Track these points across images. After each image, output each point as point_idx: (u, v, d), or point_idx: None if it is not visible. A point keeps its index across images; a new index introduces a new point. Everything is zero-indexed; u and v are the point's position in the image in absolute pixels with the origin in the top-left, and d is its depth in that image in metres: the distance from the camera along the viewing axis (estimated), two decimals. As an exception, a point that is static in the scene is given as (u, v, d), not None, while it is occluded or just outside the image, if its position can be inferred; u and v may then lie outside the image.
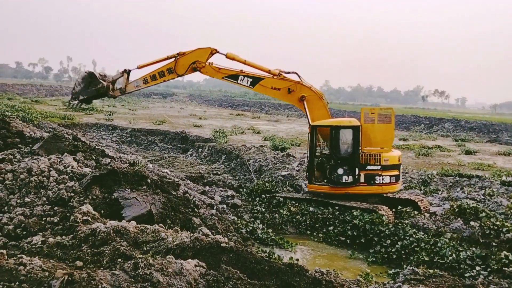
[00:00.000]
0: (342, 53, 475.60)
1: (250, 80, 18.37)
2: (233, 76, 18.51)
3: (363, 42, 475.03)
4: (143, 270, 7.11)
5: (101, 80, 19.37)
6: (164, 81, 19.02)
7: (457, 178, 23.44)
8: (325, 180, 17.65)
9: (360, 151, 17.27)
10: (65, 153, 14.34)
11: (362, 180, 17.19)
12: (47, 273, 6.88)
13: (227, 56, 18.58)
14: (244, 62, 18.67)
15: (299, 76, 18.50)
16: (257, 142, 36.81)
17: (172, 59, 18.68)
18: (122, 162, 19.80)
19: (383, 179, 17.03)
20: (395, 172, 17.23)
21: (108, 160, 16.82)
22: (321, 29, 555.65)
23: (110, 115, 53.31)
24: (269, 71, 18.54)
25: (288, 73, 18.63)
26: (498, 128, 65.88)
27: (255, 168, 26.97)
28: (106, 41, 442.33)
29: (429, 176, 23.56)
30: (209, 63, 18.57)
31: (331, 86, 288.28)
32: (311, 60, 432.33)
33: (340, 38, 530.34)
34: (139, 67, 18.98)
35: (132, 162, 20.25)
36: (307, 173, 18.33)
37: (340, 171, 17.36)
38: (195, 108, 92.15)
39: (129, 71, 19.35)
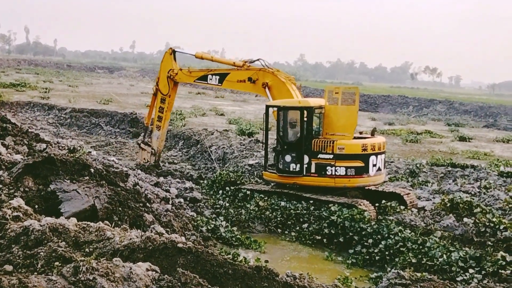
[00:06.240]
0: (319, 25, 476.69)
1: (217, 77, 20.54)
2: (203, 77, 20.95)
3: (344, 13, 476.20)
4: (85, 275, 7.06)
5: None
6: (167, 112, 22.23)
7: (449, 168, 23.87)
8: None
9: (311, 136, 17.34)
10: (-9, 137, 14.09)
11: (313, 170, 17.28)
12: (-31, 280, 6.78)
13: (196, 56, 21.42)
14: (211, 59, 21.54)
15: (263, 63, 19.75)
16: (220, 126, 36.79)
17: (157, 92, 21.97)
18: (60, 148, 19.60)
19: (336, 171, 16.91)
20: (356, 164, 16.84)
21: (44, 145, 16.61)
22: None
23: (46, 92, 52.38)
24: (233, 64, 20.57)
25: (253, 61, 20.26)
26: (496, 111, 67.40)
27: (218, 156, 26.97)
28: (40, 4, 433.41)
29: (418, 165, 23.92)
30: (180, 69, 21.22)
31: (306, 61, 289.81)
32: (284, 35, 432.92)
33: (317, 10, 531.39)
34: (146, 124, 23.27)
35: (72, 148, 20.05)
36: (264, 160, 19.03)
37: (288, 158, 17.56)
38: (148, 85, 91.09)
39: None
